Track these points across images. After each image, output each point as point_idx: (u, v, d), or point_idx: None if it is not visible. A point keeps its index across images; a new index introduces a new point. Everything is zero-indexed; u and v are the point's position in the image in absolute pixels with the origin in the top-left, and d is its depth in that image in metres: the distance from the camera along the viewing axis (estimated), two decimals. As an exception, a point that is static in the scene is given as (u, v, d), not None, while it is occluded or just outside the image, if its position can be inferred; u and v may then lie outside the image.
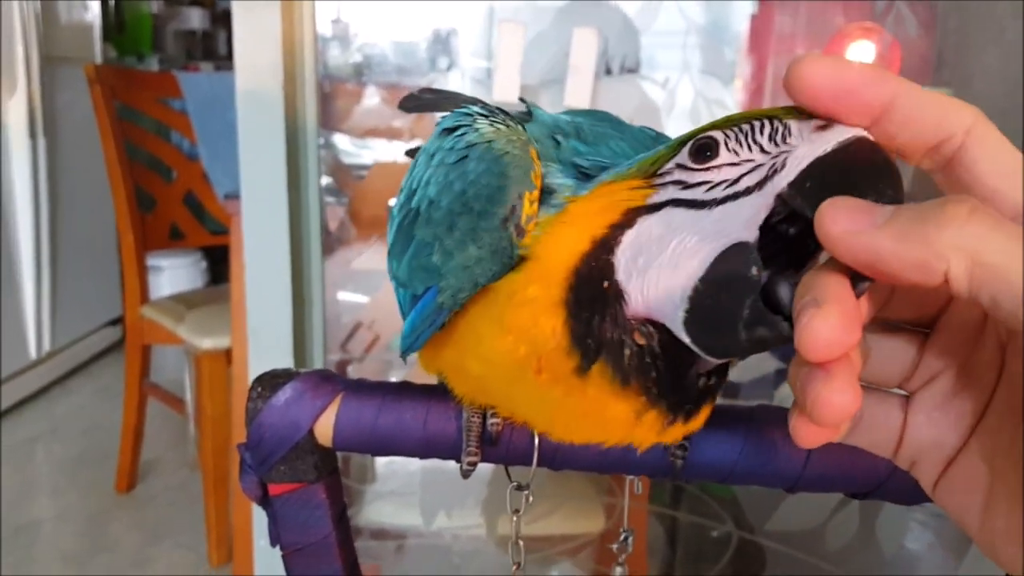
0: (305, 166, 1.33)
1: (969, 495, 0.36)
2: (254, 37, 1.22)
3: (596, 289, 0.42)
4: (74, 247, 3.71)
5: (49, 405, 3.52)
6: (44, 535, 2.57)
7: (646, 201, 0.42)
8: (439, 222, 0.48)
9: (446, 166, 0.50)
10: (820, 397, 0.32)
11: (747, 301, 0.37)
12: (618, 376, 0.42)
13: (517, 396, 0.48)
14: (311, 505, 0.58)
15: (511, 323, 0.44)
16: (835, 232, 0.32)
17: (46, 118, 3.46)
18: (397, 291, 0.56)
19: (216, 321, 2.39)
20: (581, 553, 1.51)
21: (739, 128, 0.39)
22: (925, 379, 0.39)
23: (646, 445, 0.45)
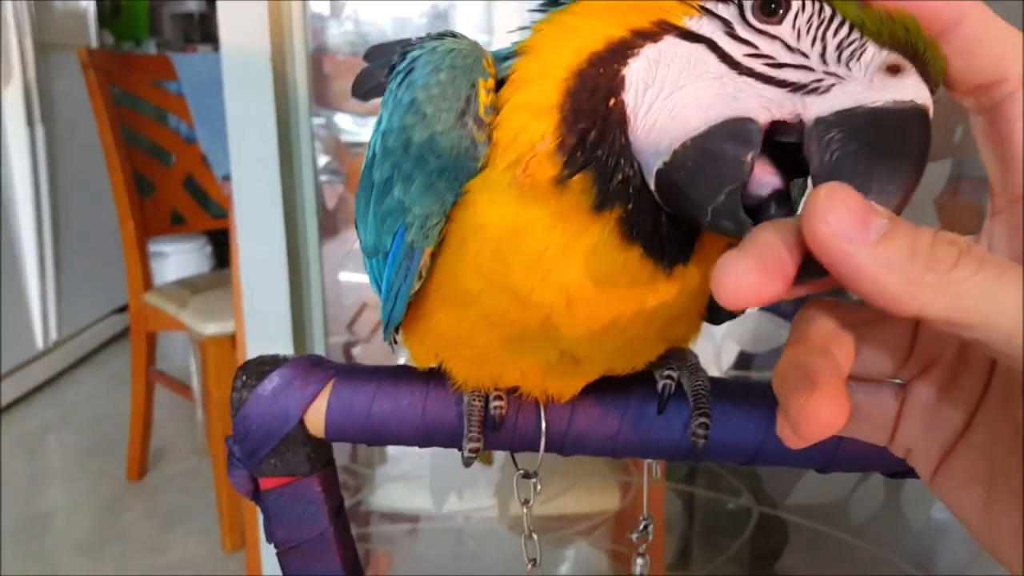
0: (298, 145, 1.29)
1: (968, 489, 0.35)
2: (240, 15, 1.17)
3: (599, 102, 0.38)
4: (77, 235, 3.69)
5: (58, 395, 3.51)
6: (57, 525, 2.56)
7: (684, 22, 0.37)
8: (394, 147, 0.43)
9: (393, 92, 0.45)
10: (804, 412, 0.30)
11: (727, 187, 0.35)
12: (598, 196, 0.38)
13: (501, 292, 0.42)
14: (305, 500, 0.54)
15: (500, 136, 0.40)
16: (822, 232, 0.29)
17: (43, 105, 3.42)
18: (369, 267, 0.51)
19: (220, 306, 2.36)
20: (596, 532, 1.48)
21: (820, 5, 0.35)
22: (920, 368, 0.37)
23: (635, 299, 0.41)
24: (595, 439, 0.51)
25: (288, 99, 1.27)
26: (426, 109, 0.42)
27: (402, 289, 0.46)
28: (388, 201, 0.44)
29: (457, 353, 0.49)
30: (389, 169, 0.44)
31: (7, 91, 3.27)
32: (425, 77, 0.43)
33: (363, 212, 0.49)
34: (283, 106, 1.26)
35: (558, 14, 0.40)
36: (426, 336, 0.50)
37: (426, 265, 0.44)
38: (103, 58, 2.56)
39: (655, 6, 0.37)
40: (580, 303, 0.41)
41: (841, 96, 0.34)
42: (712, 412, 0.49)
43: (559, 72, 0.38)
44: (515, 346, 0.46)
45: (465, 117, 0.41)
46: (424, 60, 0.44)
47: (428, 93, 0.42)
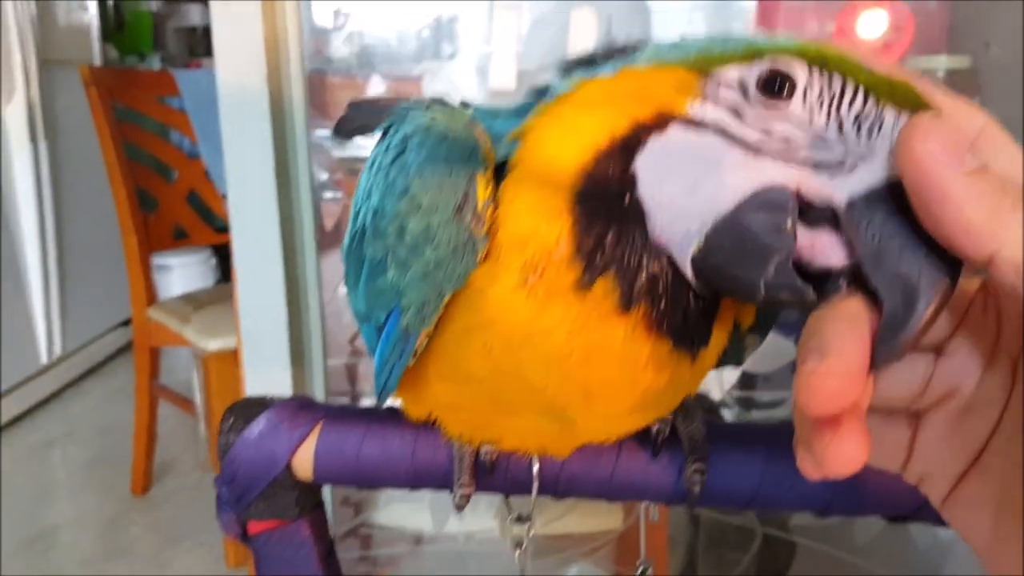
0: (295, 163, 1.28)
1: (977, 514, 0.35)
2: (234, 33, 1.17)
3: (613, 202, 0.36)
4: (81, 250, 3.69)
5: (62, 409, 3.50)
6: (62, 540, 2.55)
7: (688, 111, 0.36)
8: (387, 230, 0.42)
9: (384, 168, 0.44)
10: (829, 451, 0.30)
11: (774, 259, 0.33)
12: (623, 297, 0.37)
13: (512, 380, 0.41)
14: (295, 544, 0.54)
15: (505, 237, 0.39)
16: (919, 149, 0.29)
17: (46, 122, 3.42)
18: (362, 330, 0.50)
19: (222, 321, 2.35)
20: (600, 552, 1.46)
21: (829, 78, 0.33)
22: (936, 399, 0.36)
23: (655, 387, 0.40)
24: (588, 482, 0.50)
25: (284, 117, 1.27)
26: (422, 200, 0.40)
27: (396, 366, 0.45)
28: (381, 281, 0.43)
29: (454, 416, 0.48)
30: (382, 251, 0.43)
31: (10, 107, 3.28)
32: (420, 165, 0.41)
33: (352, 280, 0.47)
34: (279, 124, 1.25)
35: (555, 106, 0.39)
36: (420, 397, 0.48)
37: (422, 345, 0.43)
38: (105, 75, 2.56)
39: (655, 96, 0.36)
40: (599, 397, 0.40)
41: (868, 173, 0.32)
42: (708, 457, 0.48)
43: (566, 173, 0.37)
44: (518, 419, 0.45)
45: (463, 211, 0.39)
46: (418, 143, 0.42)
47: (424, 183, 0.40)
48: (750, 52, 0.35)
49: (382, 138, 0.46)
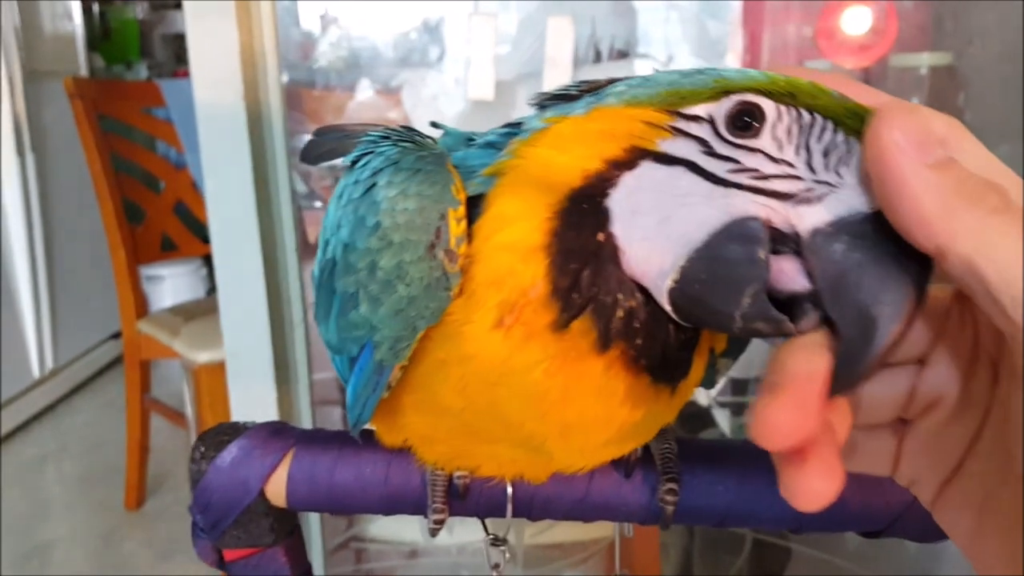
0: (274, 174, 1.27)
1: (962, 513, 0.35)
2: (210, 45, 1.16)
3: (587, 239, 0.36)
4: (70, 262, 3.68)
5: (55, 423, 3.49)
6: (56, 557, 2.54)
7: (658, 146, 0.36)
8: (358, 265, 0.41)
9: (354, 202, 0.43)
10: (796, 485, 0.30)
11: (749, 290, 0.33)
12: (600, 337, 0.37)
13: (487, 415, 0.41)
14: (271, 570, 0.53)
15: (481, 274, 0.39)
16: (884, 137, 0.30)
17: (33, 134, 3.41)
18: (334, 362, 0.49)
19: (213, 333, 2.34)
20: (591, 560, 1.46)
21: (797, 112, 0.33)
22: (920, 409, 0.37)
23: (632, 421, 0.40)
24: (562, 504, 0.50)
25: (263, 128, 1.26)
26: (392, 236, 0.40)
27: (370, 399, 0.44)
28: (353, 315, 0.43)
29: (429, 446, 0.48)
30: (354, 286, 0.42)
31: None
32: (390, 201, 0.40)
33: (323, 312, 0.46)
34: (258, 135, 1.24)
35: (526, 147, 0.39)
36: (394, 427, 0.48)
37: (396, 378, 0.43)
38: (90, 87, 2.56)
39: (625, 133, 0.36)
40: (577, 432, 0.40)
41: (835, 204, 0.32)
42: (681, 476, 0.47)
43: (540, 211, 0.37)
44: (494, 448, 0.45)
45: (435, 249, 0.39)
46: (388, 179, 0.41)
47: (394, 220, 0.40)
48: (719, 88, 0.35)
49: (350, 169, 0.46)
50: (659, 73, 0.38)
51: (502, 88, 1.42)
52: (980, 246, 0.28)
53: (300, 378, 1.36)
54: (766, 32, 1.70)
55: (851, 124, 0.33)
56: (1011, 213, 0.29)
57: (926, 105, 0.32)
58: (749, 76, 0.35)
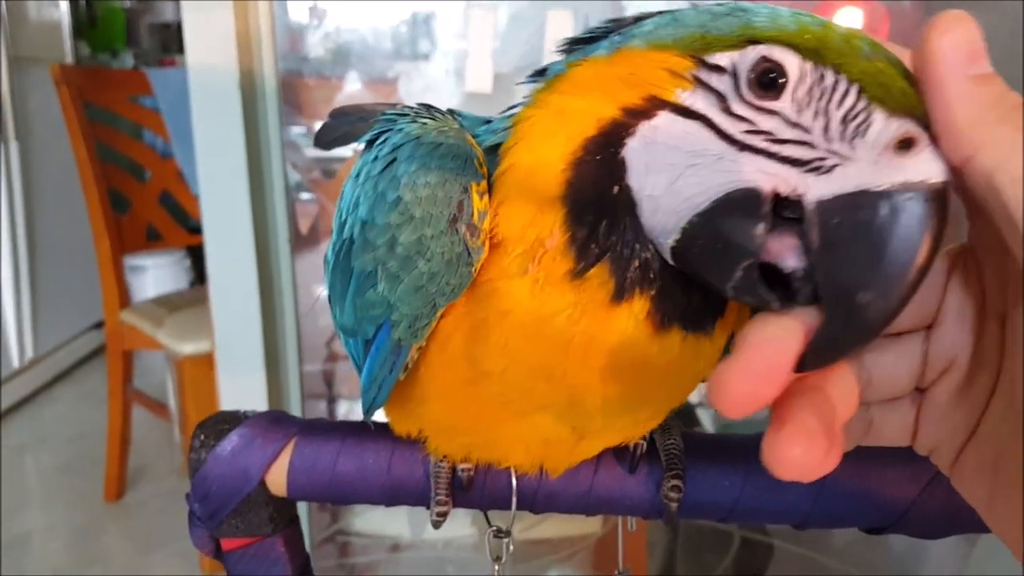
0: (268, 164, 1.26)
1: (978, 477, 0.35)
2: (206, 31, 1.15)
3: (603, 190, 0.36)
4: (52, 251, 3.64)
5: (35, 414, 3.45)
6: (35, 549, 2.52)
7: (677, 97, 0.35)
8: (377, 243, 0.41)
9: (373, 178, 0.43)
10: (770, 450, 0.30)
11: (742, 263, 0.33)
12: (616, 286, 0.37)
13: (529, 371, 0.40)
14: (269, 560, 0.53)
15: (506, 228, 0.38)
16: (932, 43, 0.30)
17: (17, 121, 3.37)
18: (347, 345, 0.49)
19: (197, 325, 2.32)
20: (578, 556, 1.46)
21: (822, 72, 0.32)
22: (935, 375, 0.36)
23: (662, 366, 0.39)
24: (566, 497, 0.50)
25: (257, 116, 1.25)
26: (414, 211, 0.39)
27: (386, 381, 0.44)
28: (371, 295, 0.42)
29: (446, 436, 0.47)
30: (372, 264, 0.42)
31: (-20, 106, 3.23)
32: (411, 176, 0.40)
33: (339, 293, 0.46)
34: (252, 123, 1.24)
35: (544, 94, 0.38)
36: (410, 415, 0.48)
37: (413, 359, 0.42)
38: (77, 74, 2.53)
39: (646, 81, 0.35)
40: (613, 380, 0.39)
41: (843, 179, 0.32)
42: (686, 471, 0.47)
43: (556, 163, 0.36)
44: (525, 423, 0.43)
45: (457, 223, 0.38)
46: (409, 154, 0.41)
47: (416, 194, 0.39)
48: (745, 36, 0.34)
49: (368, 148, 0.45)
50: (688, 11, 0.37)
51: (499, 81, 1.42)
52: (1003, 161, 0.28)
53: (290, 369, 1.35)
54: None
55: (875, 91, 0.32)
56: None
57: None
58: (778, 24, 0.34)
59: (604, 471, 0.49)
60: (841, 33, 0.33)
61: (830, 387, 0.32)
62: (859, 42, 0.33)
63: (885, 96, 0.31)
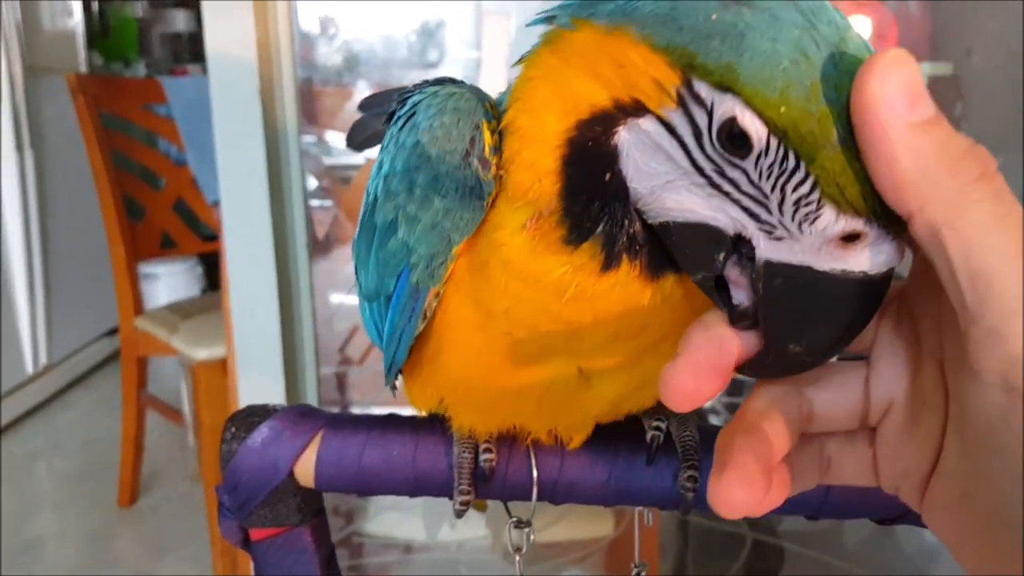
0: (287, 171, 1.28)
1: (945, 514, 0.35)
2: (227, 41, 1.17)
3: (596, 176, 0.38)
4: (67, 259, 3.67)
5: (49, 419, 3.48)
6: (48, 553, 2.54)
7: (662, 111, 0.35)
8: (398, 189, 0.44)
9: (395, 136, 0.45)
10: (714, 492, 0.32)
11: (700, 272, 0.36)
12: (605, 259, 0.39)
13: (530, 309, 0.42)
14: (296, 550, 0.54)
15: (510, 183, 0.40)
16: (870, 91, 0.29)
17: (32, 130, 3.41)
18: (368, 313, 0.51)
19: (211, 330, 2.34)
20: (591, 559, 1.47)
21: (785, 152, 0.32)
22: (879, 414, 0.37)
23: (656, 309, 0.40)
24: (585, 488, 0.51)
25: (277, 124, 1.27)
26: (430, 151, 0.42)
27: (406, 330, 0.46)
28: (392, 243, 0.44)
29: (465, 396, 0.49)
30: (392, 212, 0.44)
31: (-4, 115, 3.27)
32: (428, 120, 0.43)
33: (364, 257, 0.48)
34: (272, 131, 1.26)
35: (546, 53, 0.39)
36: (431, 379, 0.49)
37: (431, 306, 0.44)
38: (92, 83, 2.56)
39: (635, 83, 0.35)
40: (611, 321, 0.41)
41: (790, 250, 0.33)
42: (701, 463, 0.49)
43: (552, 137, 0.38)
44: (535, 372, 0.45)
45: (470, 157, 0.41)
46: (426, 104, 0.44)
47: (432, 135, 0.42)
48: (726, 81, 0.33)
49: (390, 120, 0.48)
50: (687, 4, 0.34)
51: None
52: (950, 217, 0.28)
53: (308, 373, 1.37)
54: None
55: (829, 191, 0.32)
56: (988, 182, 0.29)
57: None
58: (764, 78, 0.32)
59: (622, 462, 0.50)
60: (827, 106, 0.31)
61: (767, 424, 0.34)
62: (839, 122, 0.31)
63: (838, 197, 0.32)
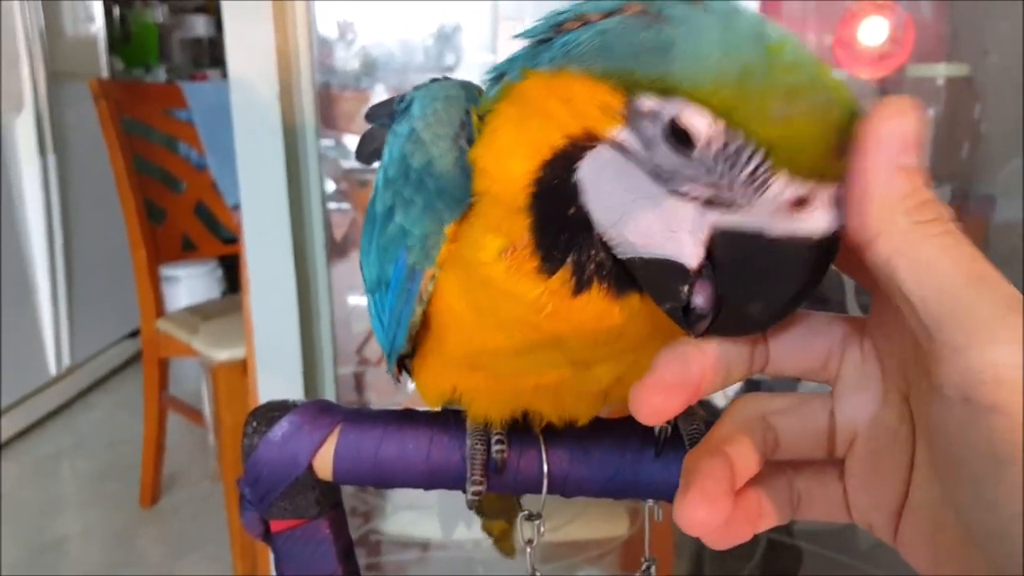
0: (306, 174, 1.30)
1: (921, 547, 0.36)
2: (247, 46, 1.19)
3: (562, 211, 0.39)
4: (89, 261, 3.72)
5: (71, 420, 3.52)
6: (70, 552, 2.57)
7: (613, 135, 0.37)
8: (395, 177, 0.46)
9: (393, 131, 0.48)
10: (679, 511, 0.34)
11: (666, 302, 0.38)
12: (576, 286, 0.40)
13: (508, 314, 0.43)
14: (315, 541, 0.56)
15: (487, 218, 0.42)
16: (878, 125, 0.32)
17: (55, 134, 3.46)
18: (372, 304, 0.52)
19: (231, 332, 2.37)
20: (606, 558, 1.48)
21: (731, 132, 0.34)
22: (846, 443, 0.38)
23: (627, 321, 0.42)
24: (595, 481, 0.52)
25: (296, 128, 1.29)
26: (424, 135, 0.44)
27: (404, 313, 0.47)
28: (390, 229, 0.46)
29: (470, 376, 0.50)
30: (390, 198, 0.46)
31: (19, 120, 3.31)
32: (422, 108, 0.45)
33: (367, 248, 0.50)
34: (291, 135, 1.27)
35: (504, 106, 0.41)
36: (439, 371, 0.51)
37: (427, 289, 0.45)
38: (114, 88, 2.59)
39: (583, 113, 0.37)
40: (586, 330, 0.43)
41: (744, 218, 0.35)
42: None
43: (518, 178, 0.39)
44: (528, 358, 0.46)
45: (460, 140, 0.43)
46: (421, 95, 0.47)
47: (425, 121, 0.44)
48: (665, 86, 0.35)
49: (395, 117, 0.50)
50: (617, 32, 0.37)
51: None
52: (901, 246, 0.31)
53: (326, 373, 1.39)
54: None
55: (779, 157, 0.33)
56: (942, 226, 0.31)
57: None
58: (699, 70, 0.34)
59: (631, 456, 0.51)
60: (762, 84, 0.33)
61: (731, 448, 0.36)
62: (782, 93, 0.33)
63: (788, 162, 0.33)
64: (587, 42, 0.37)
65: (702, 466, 0.35)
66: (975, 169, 1.63)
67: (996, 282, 0.30)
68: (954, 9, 1.69)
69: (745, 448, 0.37)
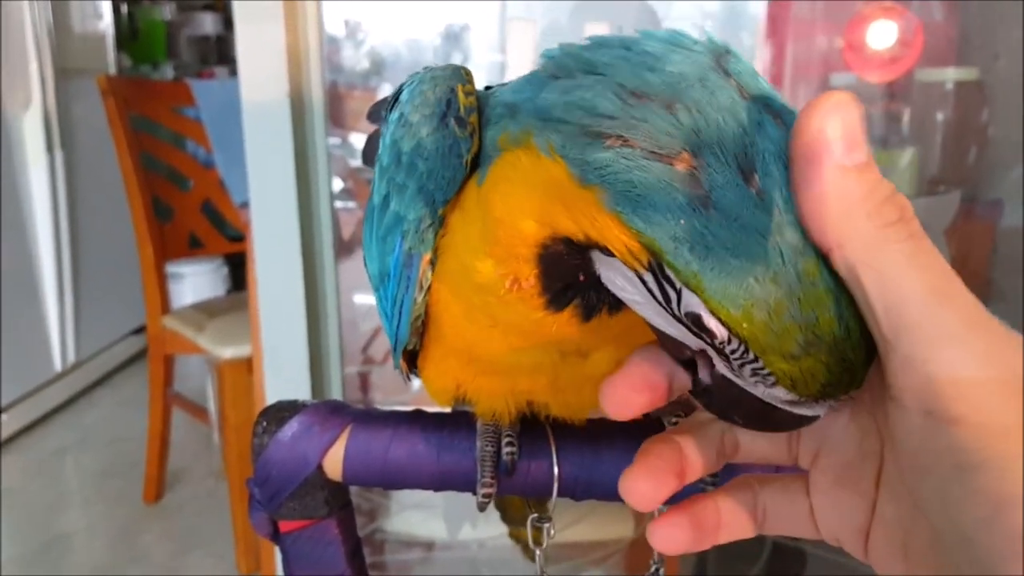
0: (315, 172, 1.30)
1: (892, 562, 0.35)
2: (257, 45, 1.19)
3: (571, 275, 0.39)
4: (95, 258, 3.73)
5: (76, 416, 3.53)
6: (75, 548, 2.57)
7: (634, 266, 0.36)
8: (389, 165, 0.46)
9: (385, 120, 0.48)
10: (623, 483, 0.38)
11: (677, 360, 0.39)
12: (583, 317, 0.41)
13: None
14: (324, 542, 0.56)
15: (493, 233, 0.40)
16: (814, 126, 0.30)
17: (63, 131, 3.46)
18: (378, 300, 0.52)
19: (237, 329, 2.38)
20: (611, 560, 1.48)
21: (743, 346, 0.33)
22: (810, 457, 0.39)
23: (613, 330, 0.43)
24: (606, 484, 0.52)
25: (305, 126, 1.29)
26: (411, 118, 0.44)
27: (405, 300, 0.46)
28: (387, 218, 0.46)
29: (469, 369, 0.50)
30: (385, 186, 0.46)
31: (27, 117, 3.32)
32: (409, 93, 0.45)
33: (368, 244, 0.50)
34: (300, 133, 1.28)
35: (523, 157, 0.38)
36: (439, 358, 0.50)
37: (426, 276, 0.45)
38: (122, 85, 2.60)
39: (608, 239, 0.35)
40: (584, 334, 0.43)
41: (742, 379, 0.35)
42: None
43: (528, 235, 0.38)
44: (522, 352, 0.46)
45: (447, 118, 0.42)
46: (409, 84, 0.47)
47: (412, 104, 0.45)
48: (696, 286, 0.33)
49: None
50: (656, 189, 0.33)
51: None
52: (866, 256, 0.30)
53: (333, 372, 1.39)
54: (790, 44, 1.72)
55: (787, 384, 0.33)
56: (904, 226, 0.30)
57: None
58: (727, 298, 0.32)
59: (642, 459, 0.51)
60: (788, 323, 0.31)
61: (681, 438, 0.39)
62: (803, 338, 0.32)
63: (795, 388, 0.33)
64: (624, 175, 0.33)
65: (651, 448, 0.39)
66: (983, 173, 1.63)
67: (958, 295, 0.30)
68: (964, 13, 1.68)
69: (698, 441, 0.40)
